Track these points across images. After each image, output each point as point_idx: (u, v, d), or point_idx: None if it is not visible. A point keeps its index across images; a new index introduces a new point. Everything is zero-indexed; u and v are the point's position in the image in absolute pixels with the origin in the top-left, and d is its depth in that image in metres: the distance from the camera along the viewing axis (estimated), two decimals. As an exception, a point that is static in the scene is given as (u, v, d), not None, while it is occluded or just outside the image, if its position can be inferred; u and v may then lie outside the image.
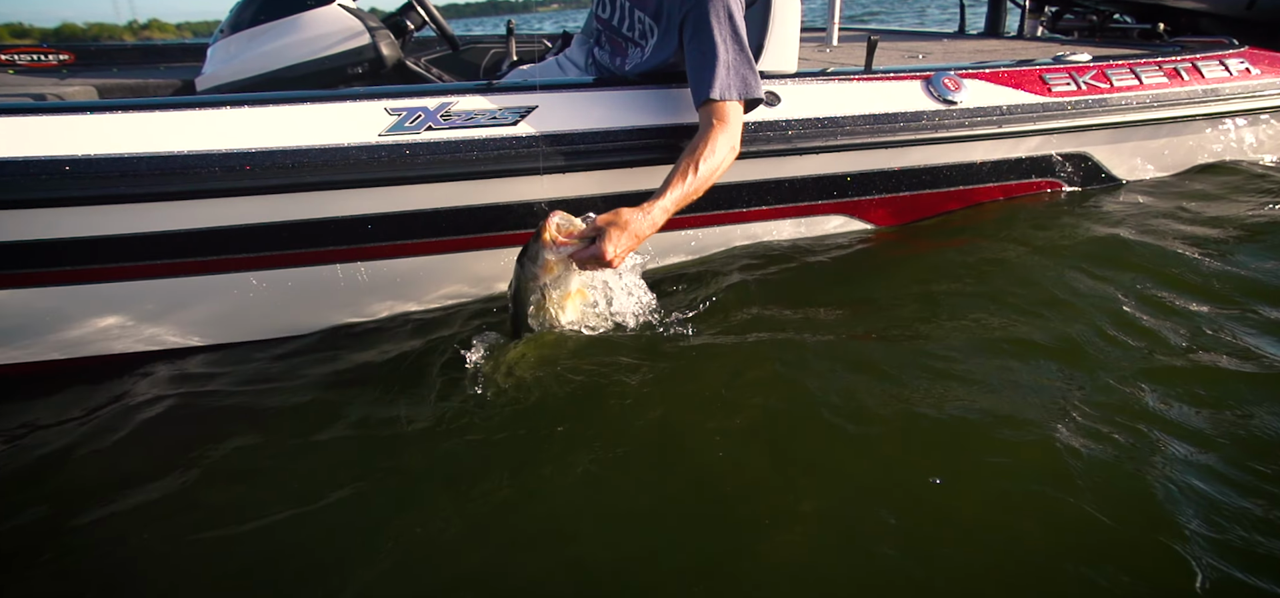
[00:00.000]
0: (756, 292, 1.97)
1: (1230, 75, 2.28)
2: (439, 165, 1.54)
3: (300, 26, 2.41)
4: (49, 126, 1.37)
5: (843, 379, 1.60)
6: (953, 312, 1.86)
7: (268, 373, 1.76)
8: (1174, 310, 1.83)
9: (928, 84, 2.03)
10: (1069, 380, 1.58)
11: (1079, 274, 2.00)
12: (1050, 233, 2.20)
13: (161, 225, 1.48)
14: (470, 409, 1.53)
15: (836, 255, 2.17)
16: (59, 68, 2.82)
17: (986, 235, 2.20)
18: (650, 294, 1.74)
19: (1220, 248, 2.13)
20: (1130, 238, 2.15)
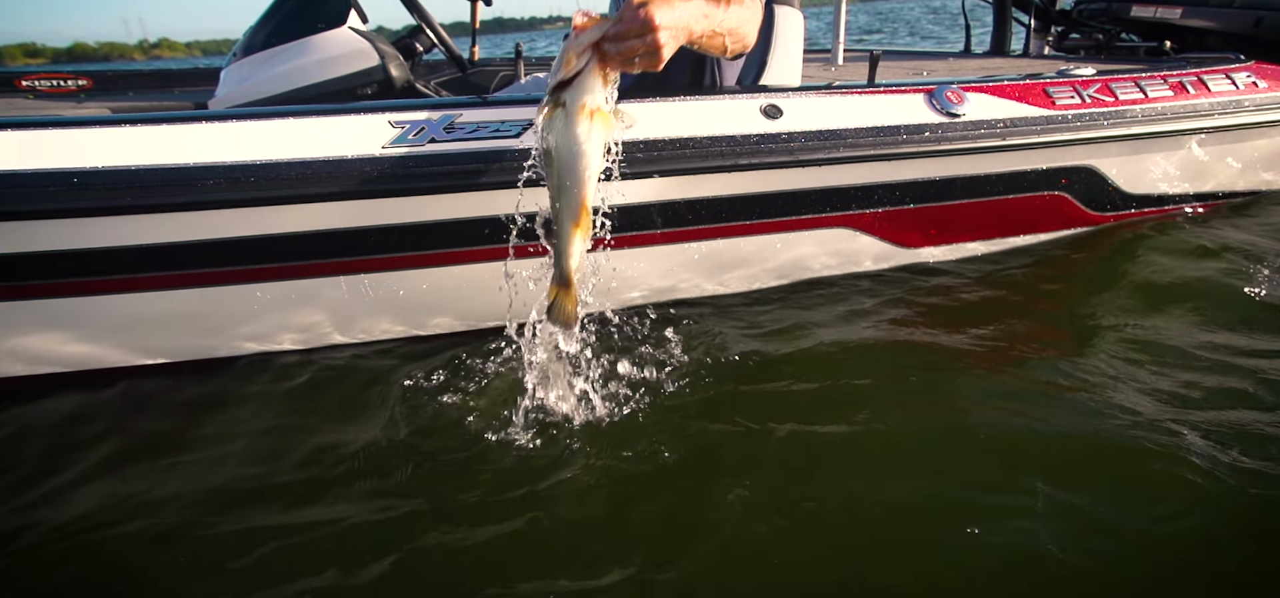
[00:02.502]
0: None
1: (1237, 89, 2.27)
2: (442, 177, 1.55)
3: (311, 49, 2.46)
4: (57, 140, 1.40)
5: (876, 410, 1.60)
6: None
7: (260, 389, 1.77)
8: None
9: (931, 97, 2.03)
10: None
11: (1092, 304, 2.01)
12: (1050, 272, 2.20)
13: (163, 237, 1.50)
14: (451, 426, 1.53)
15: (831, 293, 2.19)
16: (77, 92, 2.88)
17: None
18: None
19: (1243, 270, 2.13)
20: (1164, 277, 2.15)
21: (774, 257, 2.07)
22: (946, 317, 2.04)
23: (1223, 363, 1.75)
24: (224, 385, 1.76)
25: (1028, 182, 2.19)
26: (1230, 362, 1.75)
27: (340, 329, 1.83)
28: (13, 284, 1.53)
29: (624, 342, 1.83)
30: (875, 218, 2.09)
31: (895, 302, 2.11)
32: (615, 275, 1.90)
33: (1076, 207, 2.32)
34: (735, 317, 2.05)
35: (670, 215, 1.84)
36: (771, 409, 1.60)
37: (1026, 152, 2.10)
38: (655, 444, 1.45)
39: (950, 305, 2.10)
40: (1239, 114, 2.25)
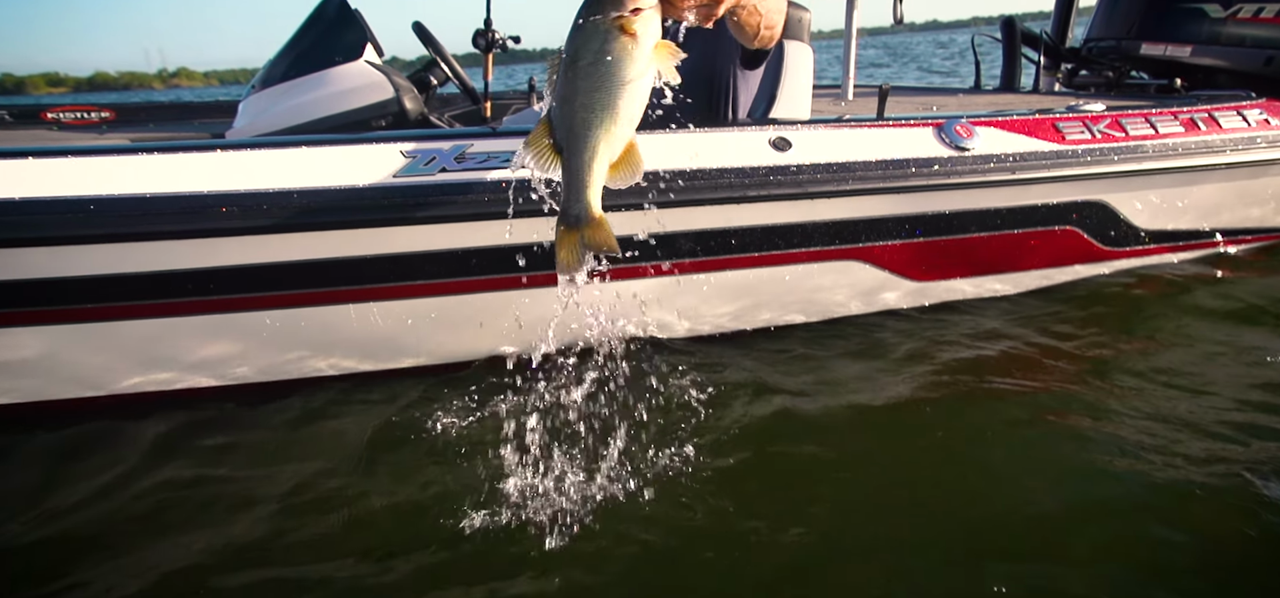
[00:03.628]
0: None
1: (1249, 126, 2.27)
2: (453, 206, 1.57)
3: (327, 81, 2.50)
4: (75, 168, 1.43)
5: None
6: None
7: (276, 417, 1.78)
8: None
9: (940, 131, 2.04)
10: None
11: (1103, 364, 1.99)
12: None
13: (177, 264, 1.52)
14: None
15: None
16: (100, 124, 2.95)
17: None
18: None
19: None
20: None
21: (783, 289, 2.07)
22: (961, 356, 2.03)
23: (1244, 401, 1.73)
24: (234, 414, 1.77)
25: (1038, 216, 2.19)
26: (1251, 401, 1.73)
27: (349, 358, 1.84)
28: (34, 309, 1.55)
29: (632, 376, 1.82)
30: (885, 251, 2.08)
31: (904, 339, 2.11)
32: (620, 305, 1.90)
33: (1089, 242, 2.30)
34: (743, 348, 2.05)
35: (678, 246, 1.85)
36: (778, 452, 1.59)
37: (1036, 186, 2.10)
38: (662, 486, 1.44)
39: (966, 343, 2.09)
40: (1251, 151, 2.24)
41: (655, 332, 2.03)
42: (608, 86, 1.10)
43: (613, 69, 1.09)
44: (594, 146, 1.11)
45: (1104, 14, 3.66)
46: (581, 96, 1.10)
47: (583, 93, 1.10)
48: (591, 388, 1.60)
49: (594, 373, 1.68)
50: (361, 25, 2.58)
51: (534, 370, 1.75)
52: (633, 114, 1.13)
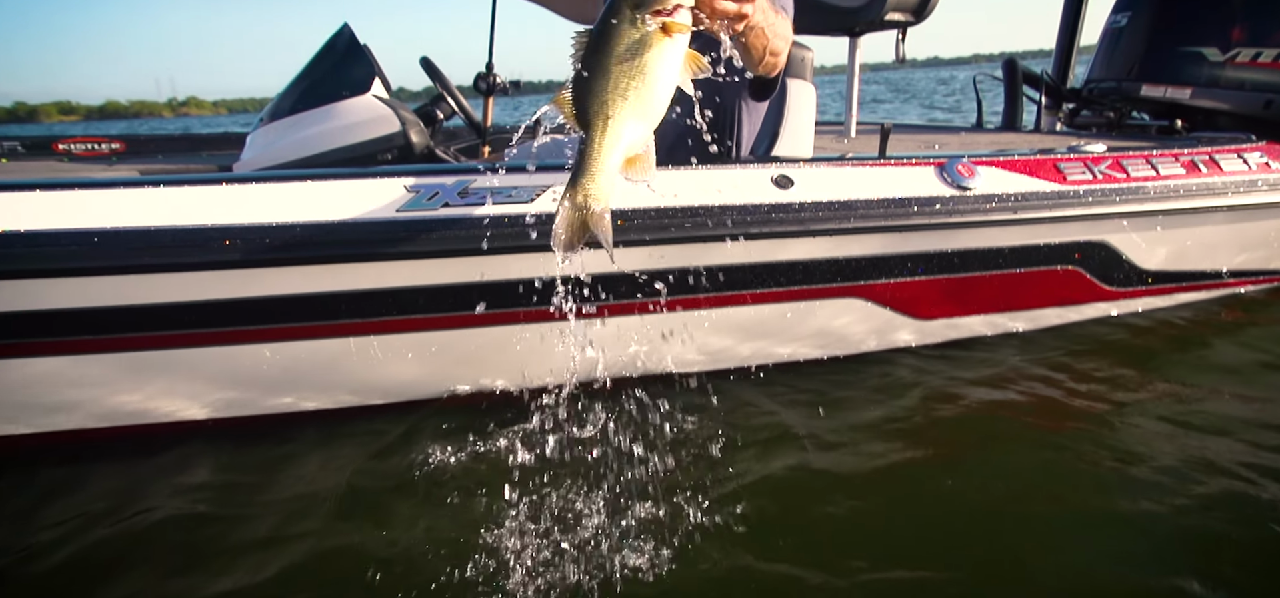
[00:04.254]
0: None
1: (1249, 169, 2.27)
2: (456, 241, 1.57)
3: (334, 115, 2.53)
4: (84, 201, 1.44)
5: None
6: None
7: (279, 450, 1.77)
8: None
9: (942, 170, 2.05)
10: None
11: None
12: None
13: (176, 297, 1.53)
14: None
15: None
16: (109, 156, 2.98)
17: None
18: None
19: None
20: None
21: (784, 326, 2.06)
22: (969, 396, 2.03)
23: (1259, 443, 1.72)
24: (230, 447, 1.77)
25: (1041, 255, 2.19)
26: (1265, 443, 1.72)
27: (348, 392, 1.84)
28: (38, 341, 1.56)
29: (634, 414, 1.82)
30: (887, 289, 2.08)
31: (910, 378, 2.11)
32: (621, 341, 1.90)
33: (1091, 282, 2.30)
34: (745, 385, 2.04)
35: (680, 283, 1.85)
36: (783, 491, 1.58)
37: (1038, 226, 2.10)
38: (668, 529, 1.43)
39: (974, 384, 2.09)
40: (1252, 193, 2.25)
41: (656, 368, 2.03)
42: (642, 80, 1.11)
43: (649, 65, 1.11)
44: (619, 133, 1.12)
45: (1104, 55, 3.69)
46: (614, 82, 1.11)
47: (616, 79, 1.11)
48: (593, 426, 1.59)
49: (594, 410, 1.68)
50: (370, 60, 2.62)
51: (537, 407, 1.75)
52: (658, 112, 1.15)
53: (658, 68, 1.12)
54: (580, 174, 1.13)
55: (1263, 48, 2.91)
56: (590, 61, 1.13)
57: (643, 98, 1.12)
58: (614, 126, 1.12)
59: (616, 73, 1.11)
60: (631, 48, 1.11)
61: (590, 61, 1.13)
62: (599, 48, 1.12)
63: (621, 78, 1.11)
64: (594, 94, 1.11)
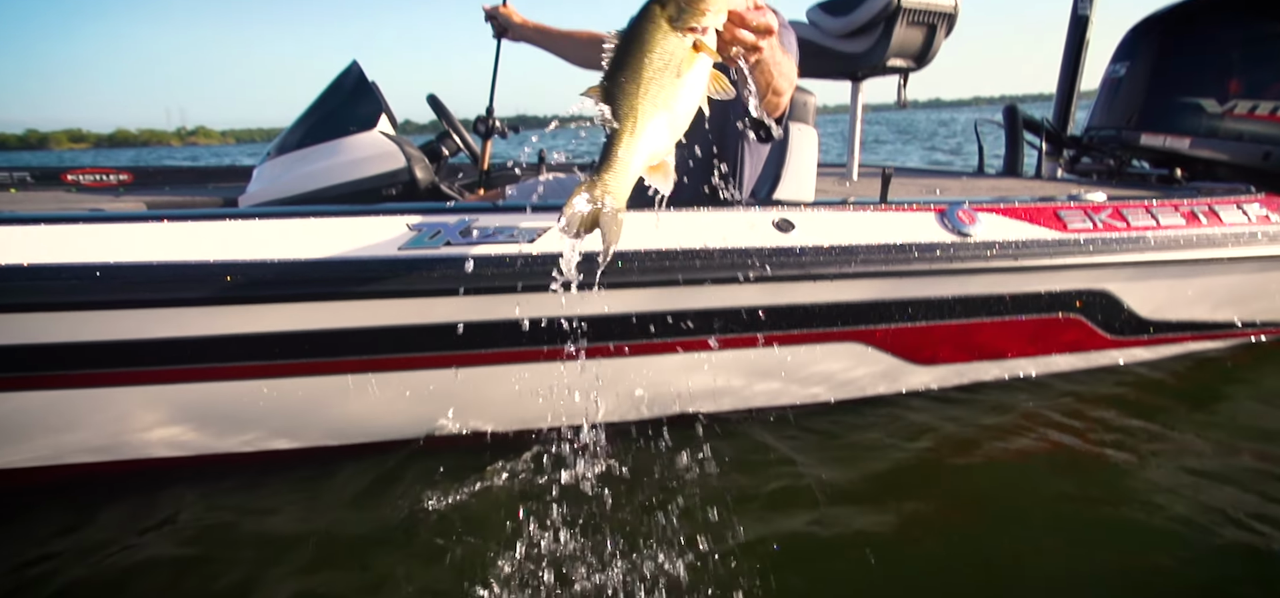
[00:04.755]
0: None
1: (1249, 221, 2.28)
2: (455, 280, 1.58)
3: (341, 150, 2.56)
4: (87, 235, 1.45)
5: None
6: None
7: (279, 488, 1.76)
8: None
9: (942, 217, 2.06)
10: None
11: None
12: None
13: (175, 332, 1.53)
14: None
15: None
16: (117, 186, 3.01)
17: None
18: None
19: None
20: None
21: (786, 369, 2.06)
22: (979, 441, 2.02)
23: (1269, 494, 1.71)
24: (224, 483, 1.76)
25: (1042, 303, 2.19)
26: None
27: (343, 431, 1.83)
28: (40, 374, 1.56)
29: (636, 455, 1.81)
30: (889, 334, 2.08)
31: (915, 423, 2.09)
32: (621, 381, 1.90)
33: (1093, 330, 2.30)
34: (746, 427, 2.03)
35: (681, 325, 1.85)
36: (783, 539, 1.56)
37: (1039, 273, 2.10)
38: (673, 573, 1.41)
39: (983, 429, 2.08)
40: (1252, 245, 2.25)
41: (657, 410, 2.02)
42: (673, 90, 1.15)
43: (680, 77, 1.15)
44: (645, 135, 1.15)
45: (1104, 104, 3.73)
46: (646, 88, 1.14)
47: (647, 84, 1.14)
48: (592, 470, 1.58)
49: (594, 453, 1.67)
50: (377, 97, 2.65)
51: (537, 449, 1.74)
52: (683, 124, 1.19)
53: (688, 81, 1.16)
54: (603, 168, 1.15)
55: (1259, 101, 2.93)
56: (623, 63, 1.15)
57: (671, 107, 1.16)
58: (641, 129, 1.14)
59: (648, 79, 1.14)
60: (665, 57, 1.14)
61: (623, 63, 1.15)
62: (632, 52, 1.15)
63: (652, 84, 1.14)
64: (626, 96, 1.14)
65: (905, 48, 3.09)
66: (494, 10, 2.68)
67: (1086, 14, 4.22)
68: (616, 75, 1.15)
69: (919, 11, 2.97)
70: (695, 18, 1.14)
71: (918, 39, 3.09)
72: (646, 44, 1.14)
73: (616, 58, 1.16)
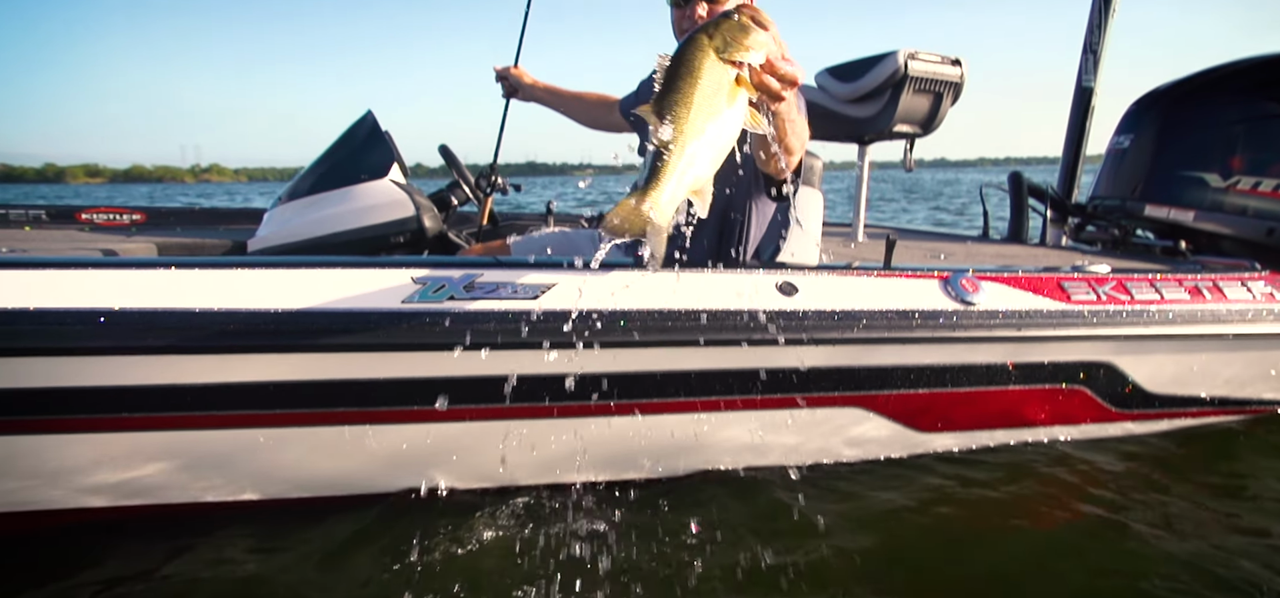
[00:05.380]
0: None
1: (1253, 298, 2.28)
2: (459, 335, 1.59)
3: (352, 197, 2.60)
4: (85, 281, 1.47)
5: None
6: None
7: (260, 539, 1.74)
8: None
9: (946, 284, 2.06)
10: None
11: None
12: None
13: (176, 379, 1.53)
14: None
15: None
16: (130, 227, 3.06)
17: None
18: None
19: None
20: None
21: (785, 433, 2.05)
22: (972, 508, 1.98)
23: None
24: (214, 530, 1.74)
25: (1045, 373, 2.18)
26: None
27: (339, 481, 1.82)
28: (42, 418, 1.56)
29: (632, 516, 1.79)
30: (889, 400, 2.07)
31: (912, 489, 2.07)
32: (621, 441, 1.89)
33: (1098, 402, 2.28)
34: (745, 491, 2.01)
35: (683, 386, 1.85)
36: None
37: (1042, 344, 2.10)
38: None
39: (975, 497, 2.05)
40: (1257, 323, 2.25)
41: (658, 471, 2.01)
42: (719, 116, 1.22)
43: (726, 105, 1.22)
44: (692, 157, 1.21)
45: (1109, 173, 3.76)
46: (695, 113, 1.20)
47: (697, 108, 1.20)
48: (595, 526, 1.57)
49: (598, 509, 1.65)
50: (389, 146, 2.70)
51: (540, 503, 1.73)
52: (724, 151, 1.26)
53: (733, 109, 1.23)
54: (651, 184, 1.20)
55: (1262, 178, 2.96)
56: (673, 86, 1.21)
57: (715, 133, 1.22)
58: (688, 149, 1.20)
59: (696, 103, 1.20)
60: (712, 84, 1.21)
61: (673, 86, 1.21)
62: (682, 76, 1.21)
63: (699, 109, 1.20)
64: (677, 118, 1.20)
65: (911, 115, 3.14)
66: (505, 71, 2.74)
67: (1090, 85, 4.29)
68: (667, 97, 1.21)
69: (925, 80, 3.02)
70: (739, 51, 1.22)
71: (924, 106, 3.14)
72: (696, 69, 1.20)
73: (667, 81, 1.22)
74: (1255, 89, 3.15)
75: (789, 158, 1.62)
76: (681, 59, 1.22)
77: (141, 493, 1.71)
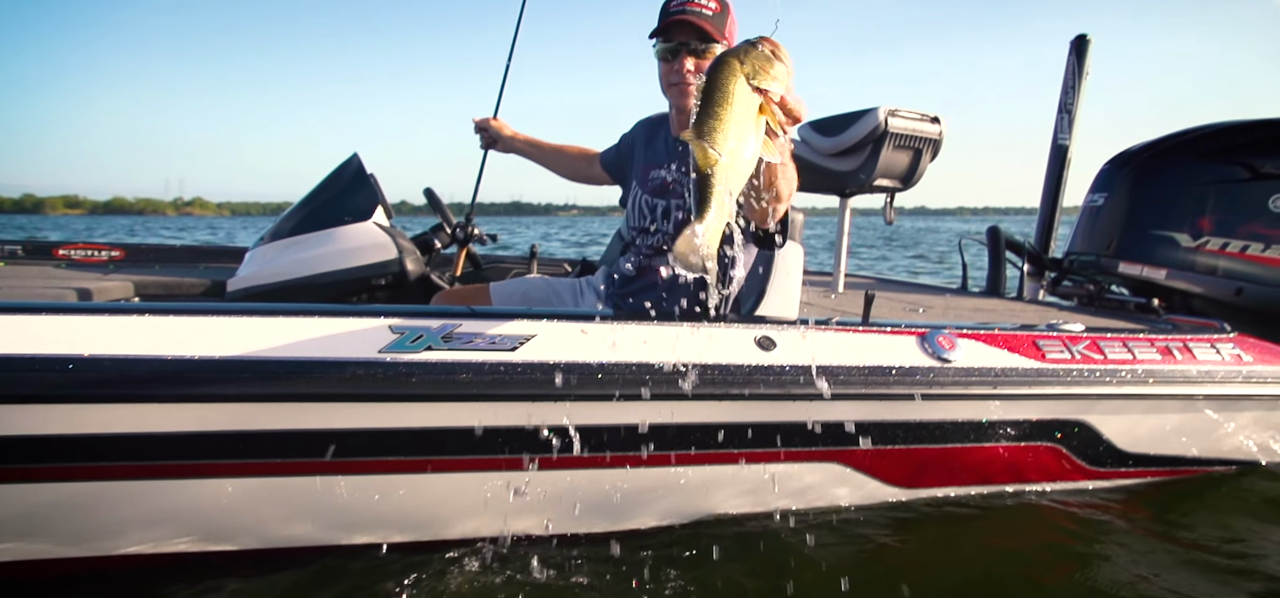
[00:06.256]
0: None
1: (1222, 360, 2.32)
2: (435, 386, 1.58)
3: (335, 239, 2.60)
4: (56, 327, 1.45)
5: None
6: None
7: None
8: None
9: (923, 340, 2.08)
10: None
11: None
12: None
13: (144, 428, 1.51)
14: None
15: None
16: (107, 263, 3.02)
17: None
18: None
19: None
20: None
21: (762, 487, 2.04)
22: (946, 565, 1.97)
23: None
24: (182, 584, 1.70)
25: (1020, 431, 2.20)
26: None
27: (312, 531, 1.78)
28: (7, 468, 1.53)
29: (607, 571, 1.77)
30: (866, 455, 2.07)
31: (884, 542, 2.06)
32: (598, 494, 1.88)
33: (1073, 460, 2.30)
34: (722, 544, 2.00)
35: (660, 439, 1.84)
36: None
37: (1017, 402, 2.12)
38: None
39: (949, 551, 2.04)
40: (1227, 385, 2.28)
41: (635, 524, 1.99)
42: (750, 142, 1.29)
43: (754, 129, 1.29)
44: (733, 182, 1.28)
45: (1084, 230, 3.83)
46: (733, 138, 1.27)
47: (733, 135, 1.27)
48: (565, 579, 1.54)
49: (571, 563, 1.63)
50: (374, 189, 2.71)
51: (511, 556, 1.70)
52: (749, 174, 1.34)
53: (758, 136, 1.30)
54: (702, 212, 1.28)
55: (1230, 239, 3.03)
56: (710, 111, 1.27)
57: (748, 156, 1.30)
58: (729, 175, 1.28)
59: (733, 130, 1.27)
60: (744, 109, 1.28)
61: (710, 111, 1.27)
62: (717, 101, 1.27)
63: (736, 134, 1.27)
64: (716, 143, 1.26)
65: (891, 170, 3.20)
66: (484, 122, 2.74)
67: (1065, 143, 4.40)
68: (705, 122, 1.26)
69: (905, 137, 3.09)
70: (765, 79, 1.28)
71: (904, 162, 3.21)
72: (730, 94, 1.27)
73: (705, 105, 1.27)
74: (1222, 153, 3.25)
75: (777, 205, 1.63)
76: (718, 84, 1.28)
77: (110, 545, 1.67)
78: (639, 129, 2.33)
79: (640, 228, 2.16)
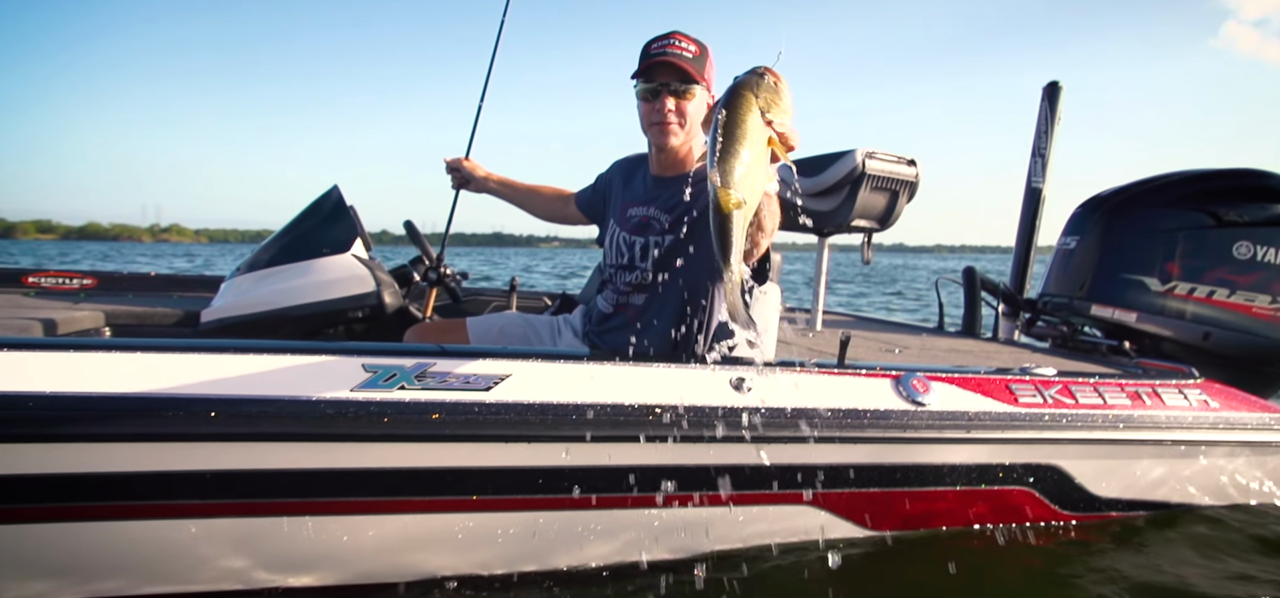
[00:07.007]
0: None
1: (1190, 406, 2.36)
2: (408, 426, 1.56)
3: (312, 270, 2.57)
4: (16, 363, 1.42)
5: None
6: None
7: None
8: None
9: (897, 384, 2.10)
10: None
11: None
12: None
13: (112, 467, 1.47)
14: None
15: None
16: (78, 292, 2.97)
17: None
18: None
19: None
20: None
21: (735, 530, 2.04)
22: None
23: None
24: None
25: (993, 475, 2.21)
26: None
27: (274, 572, 1.75)
28: None
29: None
30: (840, 499, 2.08)
31: (865, 585, 2.06)
32: (574, 535, 1.86)
33: (1045, 504, 2.32)
34: (693, 586, 1.98)
35: (628, 480, 1.83)
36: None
37: (990, 446, 2.14)
38: None
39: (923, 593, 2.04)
40: (1194, 431, 2.32)
41: (602, 563, 1.97)
42: (763, 172, 1.34)
43: (765, 159, 1.34)
44: (750, 211, 1.34)
45: (1057, 273, 3.89)
46: (750, 172, 1.31)
47: (750, 169, 1.31)
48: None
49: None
50: (353, 221, 2.70)
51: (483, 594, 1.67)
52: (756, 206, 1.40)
53: (767, 167, 1.35)
54: (728, 255, 1.33)
55: (1197, 284, 3.10)
56: (732, 149, 1.30)
57: (759, 189, 1.34)
58: (750, 207, 1.33)
59: (752, 163, 1.31)
60: (758, 141, 1.31)
61: (732, 149, 1.30)
62: (737, 136, 1.30)
63: (753, 168, 1.31)
64: (735, 180, 1.29)
65: (869, 211, 3.24)
66: (456, 162, 2.73)
67: (1039, 187, 4.49)
68: (728, 161, 1.29)
69: (882, 179, 3.14)
70: (775, 112, 1.32)
71: (881, 203, 3.26)
72: (749, 132, 1.30)
73: (727, 140, 1.30)
74: (1190, 199, 3.32)
75: (760, 237, 1.64)
76: (737, 120, 1.31)
77: (72, 591, 1.62)
78: (616, 169, 2.36)
79: (618, 264, 2.17)
